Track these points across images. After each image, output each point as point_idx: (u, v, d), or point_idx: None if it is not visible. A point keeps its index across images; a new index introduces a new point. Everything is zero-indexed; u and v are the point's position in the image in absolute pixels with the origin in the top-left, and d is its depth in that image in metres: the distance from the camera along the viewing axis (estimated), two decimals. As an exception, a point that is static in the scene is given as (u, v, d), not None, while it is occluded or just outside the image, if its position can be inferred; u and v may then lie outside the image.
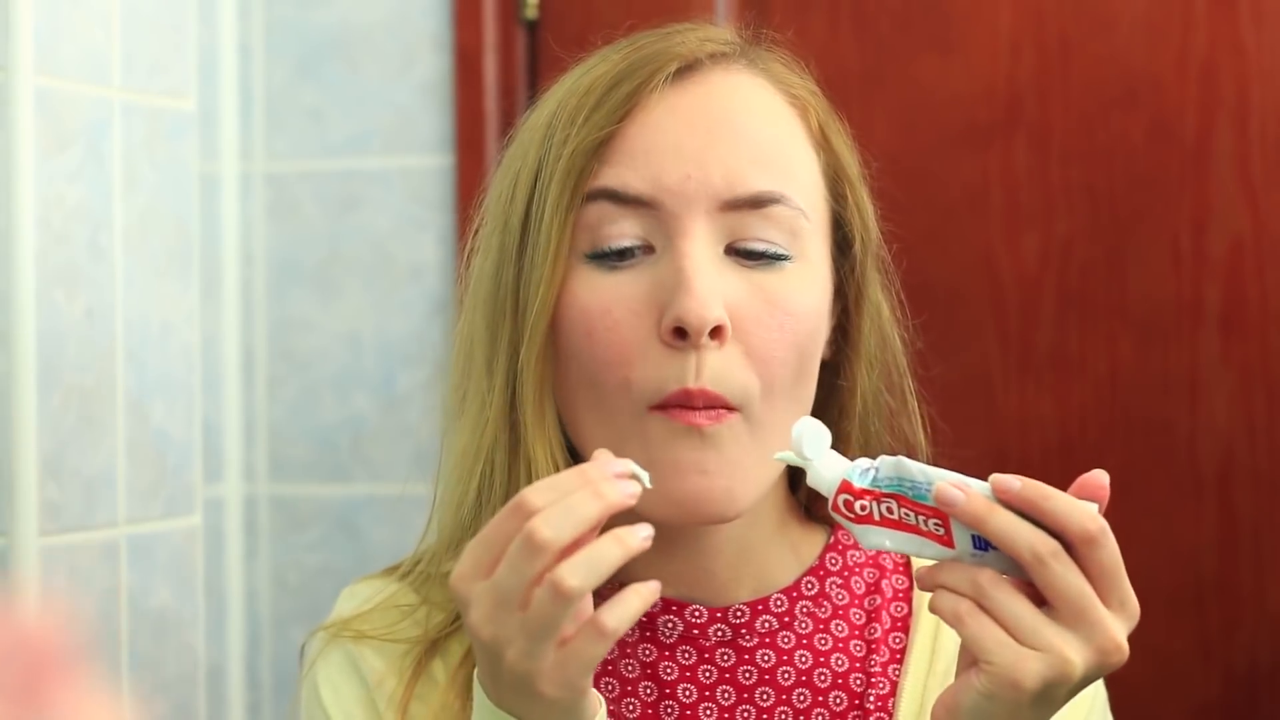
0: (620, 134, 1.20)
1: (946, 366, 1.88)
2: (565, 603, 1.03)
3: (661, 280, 1.18)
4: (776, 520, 1.28)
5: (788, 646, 1.25)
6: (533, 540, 1.03)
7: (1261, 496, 1.90)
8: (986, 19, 1.97)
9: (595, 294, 1.19)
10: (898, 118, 1.98)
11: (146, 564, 1.73)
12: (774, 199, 1.20)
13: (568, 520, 1.03)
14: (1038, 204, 1.95)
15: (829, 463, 1.10)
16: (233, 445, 2.14)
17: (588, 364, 1.19)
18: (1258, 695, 1.89)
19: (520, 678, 1.05)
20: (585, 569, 1.03)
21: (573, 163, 1.19)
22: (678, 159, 1.19)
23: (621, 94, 1.20)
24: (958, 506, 1.06)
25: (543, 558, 1.03)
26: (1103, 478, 1.10)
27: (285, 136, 2.14)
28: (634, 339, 1.18)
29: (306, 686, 1.28)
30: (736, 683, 1.24)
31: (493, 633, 1.05)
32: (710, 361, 1.17)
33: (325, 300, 2.13)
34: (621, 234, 1.19)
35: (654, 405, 1.17)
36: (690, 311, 1.16)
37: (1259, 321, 1.90)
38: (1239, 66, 1.91)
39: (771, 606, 1.26)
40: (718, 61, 1.24)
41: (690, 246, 1.18)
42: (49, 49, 1.62)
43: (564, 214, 1.19)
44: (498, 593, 1.04)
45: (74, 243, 1.65)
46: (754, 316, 1.19)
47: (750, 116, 1.22)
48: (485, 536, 1.06)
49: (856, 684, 1.25)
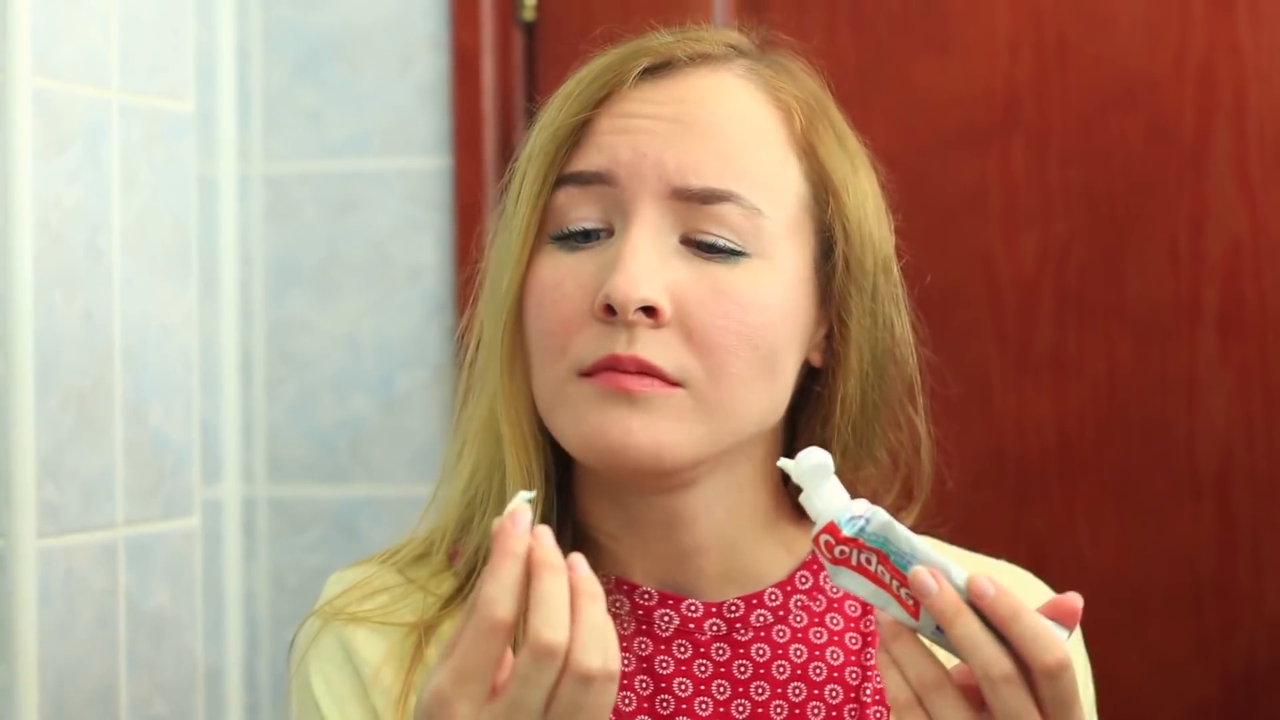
0: (592, 122, 1.23)
1: (945, 367, 1.88)
2: (593, 684, 1.04)
3: (607, 260, 1.21)
4: (765, 517, 1.28)
5: (783, 640, 1.26)
6: (549, 650, 1.04)
7: (1259, 497, 1.90)
8: (984, 20, 1.97)
9: (553, 270, 1.22)
10: (896, 118, 1.98)
11: (145, 565, 1.73)
12: (723, 197, 1.21)
13: (558, 614, 1.05)
14: (1036, 205, 1.96)
15: (826, 494, 1.10)
16: (231, 446, 2.14)
17: (534, 335, 1.22)
18: (1256, 695, 1.89)
19: None
20: (602, 649, 1.05)
21: (545, 147, 1.24)
22: (636, 140, 1.22)
23: (595, 85, 1.24)
24: (929, 598, 1.07)
25: (557, 661, 1.04)
26: (1077, 602, 1.09)
27: (283, 138, 2.14)
28: (574, 312, 1.21)
29: (298, 679, 1.28)
30: (731, 677, 1.25)
31: None
32: (645, 338, 1.19)
33: (323, 301, 2.13)
34: (583, 217, 1.22)
35: (583, 371, 1.20)
36: (617, 289, 1.18)
37: (1257, 322, 1.90)
38: (1237, 67, 1.91)
39: (766, 601, 1.26)
40: (701, 62, 1.26)
41: (635, 230, 1.20)
42: (47, 50, 1.62)
43: (534, 199, 1.23)
44: (521, 713, 1.05)
45: (72, 244, 1.65)
46: (698, 302, 1.20)
47: (719, 115, 1.23)
48: (469, 669, 1.05)
49: (852, 677, 1.26)
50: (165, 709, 1.76)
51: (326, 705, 1.25)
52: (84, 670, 1.65)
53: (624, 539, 1.26)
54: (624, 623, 1.25)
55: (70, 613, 1.63)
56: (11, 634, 1.58)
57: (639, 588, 1.26)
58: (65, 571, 1.63)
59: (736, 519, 1.26)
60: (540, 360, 1.22)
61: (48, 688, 1.60)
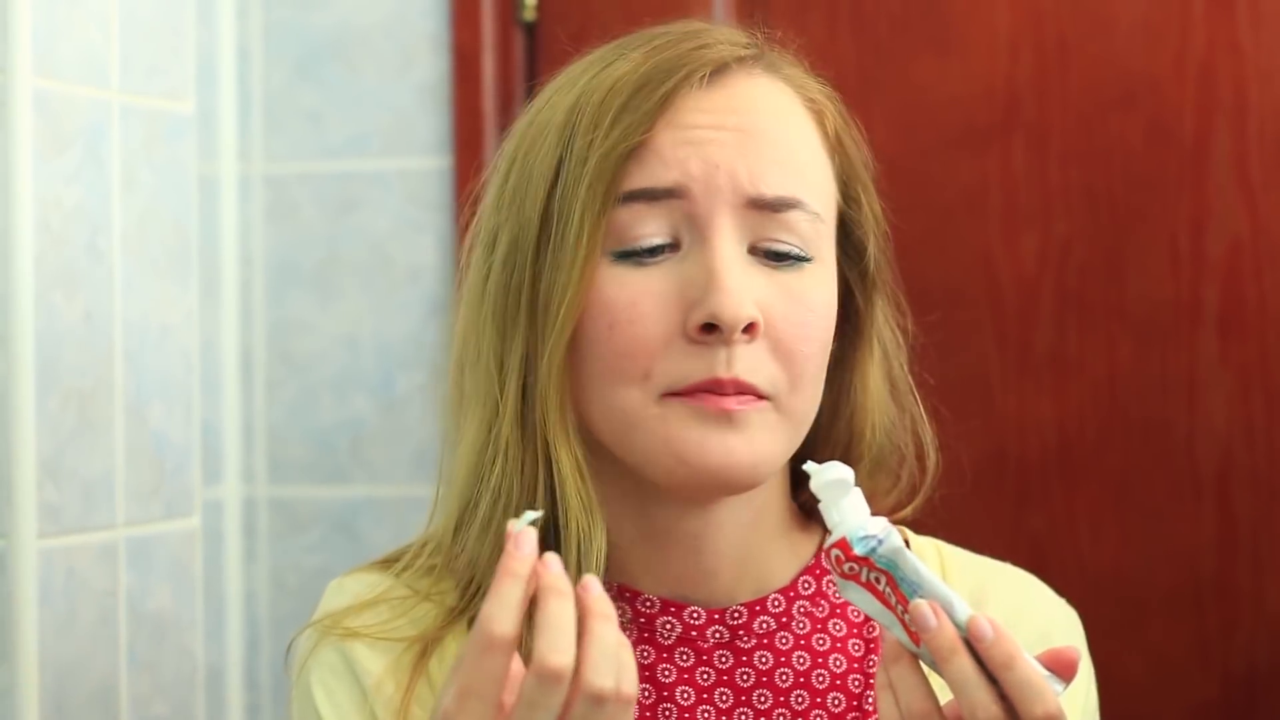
0: (650, 139, 1.20)
1: (945, 367, 1.88)
2: (605, 704, 1.04)
3: (690, 277, 1.19)
4: (778, 523, 1.28)
5: (785, 648, 1.25)
6: (554, 673, 1.03)
7: (1260, 497, 1.90)
8: (985, 20, 1.97)
9: (622, 289, 1.19)
10: (896, 119, 1.98)
11: (145, 566, 1.73)
12: (793, 204, 1.21)
13: (563, 638, 1.04)
14: (1036, 205, 1.96)
15: (845, 509, 1.10)
16: (231, 447, 2.14)
17: (605, 355, 1.19)
18: (1256, 696, 1.89)
19: None
20: (611, 669, 1.04)
21: (604, 166, 1.20)
22: (706, 152, 1.20)
23: (655, 98, 1.21)
24: (926, 634, 1.07)
25: (565, 684, 1.03)
26: (1074, 655, 1.08)
27: (284, 138, 2.14)
28: (657, 333, 1.19)
29: (299, 688, 1.27)
30: (734, 685, 1.24)
31: None
32: (742, 356, 1.18)
33: (324, 302, 2.13)
34: (650, 233, 1.20)
35: (672, 392, 1.18)
36: (725, 308, 1.17)
37: (1257, 322, 1.90)
38: (1237, 67, 1.91)
39: (769, 607, 1.26)
40: (743, 65, 1.25)
41: (720, 243, 1.19)
42: (48, 51, 1.62)
43: (595, 217, 1.19)
44: None
45: (72, 245, 1.65)
46: (781, 314, 1.20)
47: (773, 120, 1.23)
48: (472, 689, 1.04)
49: (855, 685, 1.25)
50: (166, 709, 1.76)
51: (328, 715, 1.24)
52: (84, 670, 1.65)
53: (638, 549, 1.25)
54: (625, 630, 1.23)
55: (71, 613, 1.63)
56: (12, 634, 1.58)
57: (641, 595, 1.25)
58: (66, 572, 1.63)
59: (756, 525, 1.26)
60: (613, 382, 1.20)
61: (48, 688, 1.60)
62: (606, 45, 1.28)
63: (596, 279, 1.19)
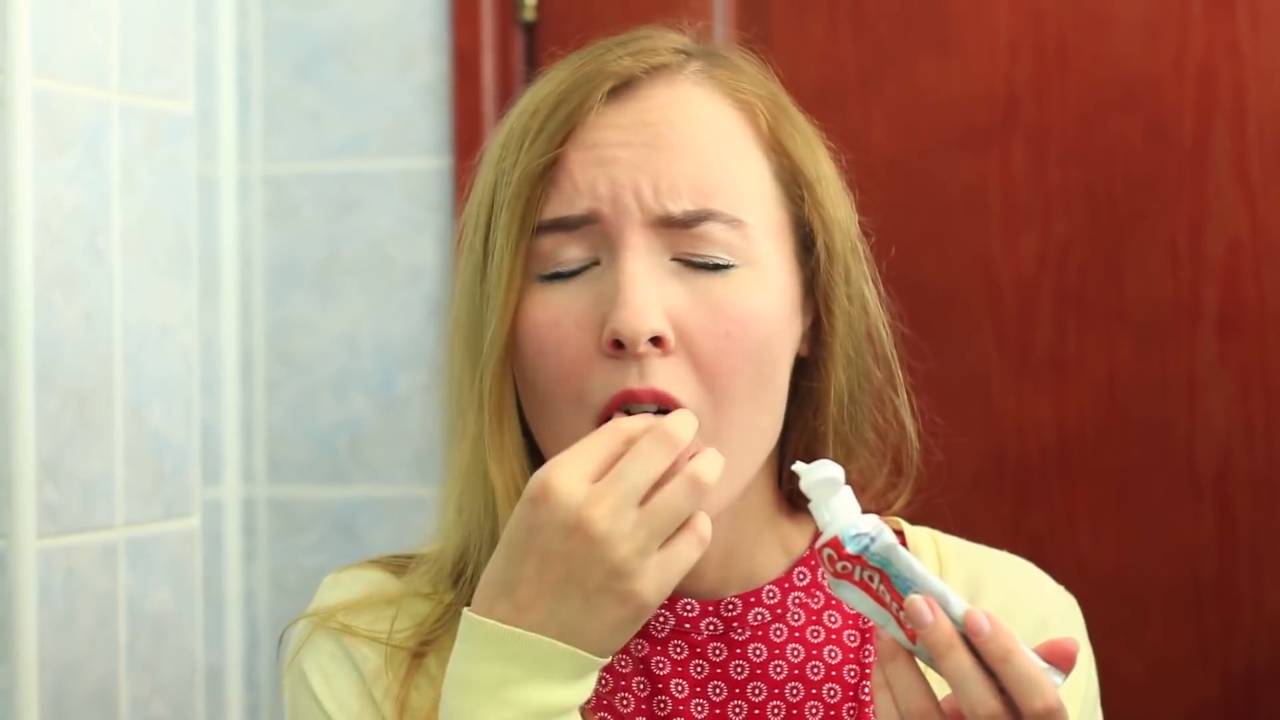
0: (561, 158, 1.21)
1: (944, 367, 1.88)
2: (700, 495, 1.10)
3: (602, 293, 1.19)
4: (763, 516, 1.28)
5: (780, 639, 1.25)
6: (670, 436, 1.10)
7: (1259, 497, 1.90)
8: (984, 21, 1.97)
9: (545, 310, 1.20)
10: (896, 119, 1.98)
11: (145, 566, 1.73)
12: (703, 217, 1.20)
13: (687, 425, 1.12)
14: (1036, 205, 1.96)
15: (835, 507, 1.10)
16: (231, 447, 2.14)
17: (541, 380, 1.20)
18: (1256, 696, 1.90)
19: (621, 576, 1.08)
20: (715, 466, 1.11)
21: (519, 190, 1.21)
22: (612, 173, 1.20)
23: (560, 117, 1.21)
24: (922, 630, 1.06)
25: (675, 450, 1.10)
26: (1073, 646, 1.08)
27: (283, 139, 2.15)
28: (580, 352, 1.19)
29: (292, 675, 1.26)
30: (728, 677, 1.24)
31: (611, 526, 1.08)
32: (656, 368, 1.18)
33: (324, 302, 2.13)
34: (571, 258, 1.21)
35: (602, 415, 1.18)
36: (625, 323, 1.17)
37: (1257, 323, 1.90)
38: (1236, 68, 1.91)
39: (764, 599, 1.26)
40: (658, 74, 1.24)
41: (628, 258, 1.19)
42: (47, 52, 1.62)
43: (514, 243, 1.21)
44: (623, 484, 1.09)
45: (72, 245, 1.65)
46: (699, 325, 1.19)
47: (685, 128, 1.22)
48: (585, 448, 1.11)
49: (850, 675, 1.25)
50: (165, 709, 1.76)
51: (327, 701, 1.23)
52: (84, 670, 1.65)
53: None
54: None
55: (70, 613, 1.64)
56: (12, 634, 1.58)
57: None
58: (65, 572, 1.63)
59: (740, 522, 1.26)
60: (552, 408, 1.20)
61: (48, 688, 1.60)
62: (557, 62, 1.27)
63: (524, 302, 1.21)
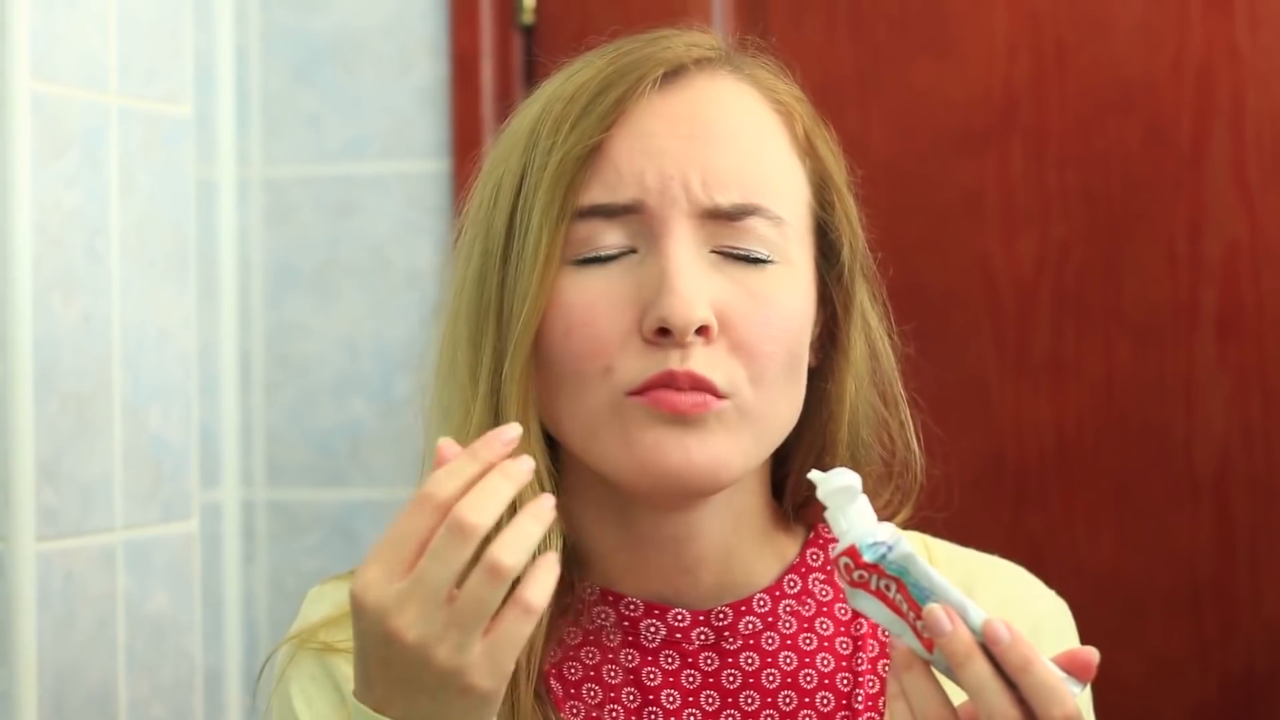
0: (606, 142, 1.20)
1: (943, 370, 1.88)
2: (501, 583, 1.04)
3: (644, 280, 1.19)
4: (759, 525, 1.28)
5: (772, 648, 1.25)
6: (463, 527, 1.04)
7: (1258, 500, 1.90)
8: (982, 23, 1.97)
9: (578, 292, 1.19)
10: (894, 122, 1.98)
11: (143, 569, 1.73)
12: (749, 211, 1.21)
13: (491, 503, 1.05)
14: (1034, 208, 1.96)
15: (851, 516, 1.09)
16: (230, 450, 2.14)
17: (565, 359, 1.19)
18: (1254, 698, 1.90)
19: (450, 675, 1.05)
20: (515, 547, 1.04)
21: (560, 172, 1.20)
22: (661, 162, 1.20)
23: (608, 101, 1.21)
24: (942, 638, 1.06)
25: (472, 543, 1.04)
26: (1094, 657, 1.08)
27: (282, 142, 2.15)
28: (613, 333, 1.18)
29: (278, 697, 1.26)
30: (721, 687, 1.24)
31: (421, 632, 1.05)
32: (697, 354, 1.18)
33: (322, 305, 2.13)
34: (610, 244, 1.20)
35: (633, 391, 1.18)
36: (674, 311, 1.16)
37: (1255, 325, 1.90)
38: (1234, 70, 1.91)
39: (755, 607, 1.26)
40: (703, 67, 1.24)
41: (674, 247, 1.19)
42: (46, 54, 1.62)
43: (554, 225, 1.19)
44: (424, 588, 1.04)
45: (70, 248, 1.65)
46: (740, 312, 1.19)
47: (733, 123, 1.23)
48: (395, 537, 1.06)
49: (843, 684, 1.25)
50: (164, 712, 1.76)
51: None
52: (83, 673, 1.65)
53: (621, 554, 1.25)
54: (610, 634, 1.24)
55: (69, 616, 1.64)
56: (11, 637, 1.58)
57: (625, 598, 1.24)
58: (64, 575, 1.63)
59: (737, 528, 1.26)
60: (576, 386, 1.19)
61: (47, 690, 1.60)
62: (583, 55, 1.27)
63: (557, 285, 1.19)
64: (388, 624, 1.05)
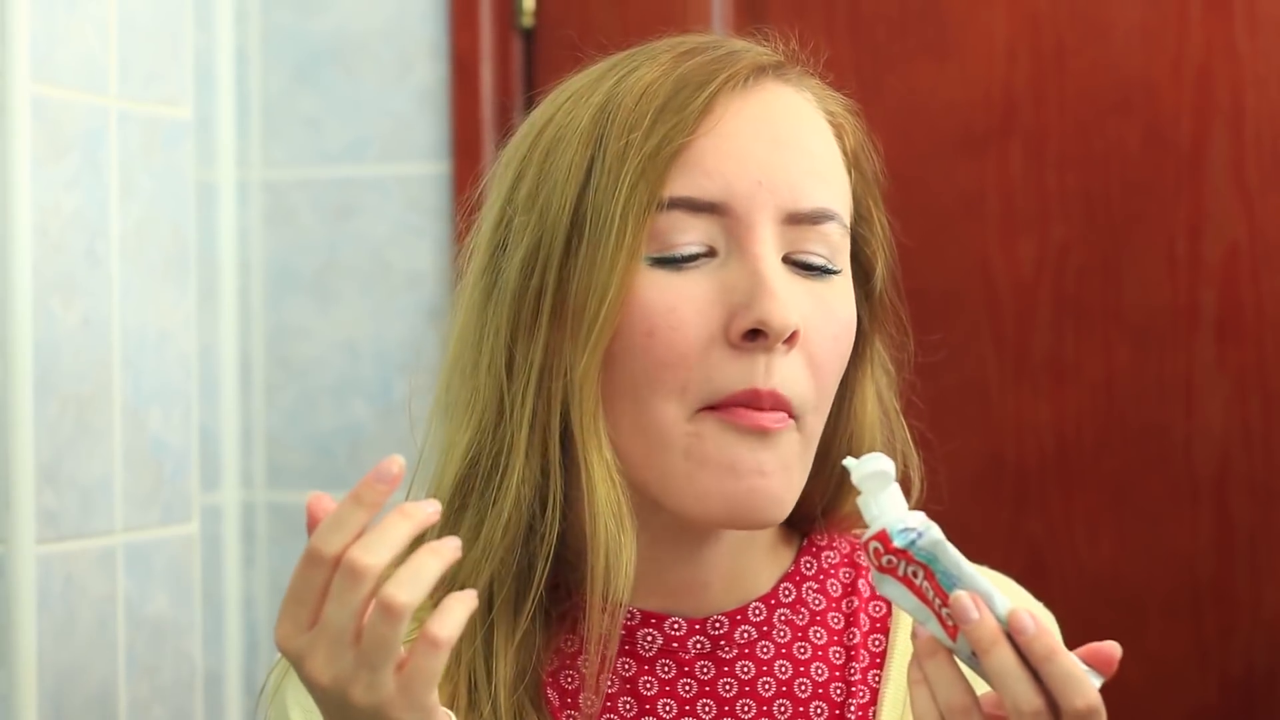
0: (693, 141, 1.19)
1: (942, 372, 1.88)
2: (397, 620, 1.03)
3: (731, 283, 1.18)
4: (768, 535, 1.28)
5: (767, 657, 1.25)
6: (354, 569, 1.03)
7: (1257, 502, 1.90)
8: (982, 25, 1.97)
9: (661, 294, 1.18)
10: (893, 124, 1.98)
11: (143, 571, 1.73)
12: (830, 215, 1.21)
13: (383, 543, 1.04)
14: (1033, 210, 1.96)
15: (883, 501, 1.09)
16: (230, 452, 2.14)
17: (642, 365, 1.17)
18: (1254, 700, 1.90)
19: (370, 712, 1.05)
20: (410, 583, 1.03)
21: (649, 167, 1.18)
22: (749, 165, 1.19)
23: (698, 100, 1.19)
24: (968, 625, 1.06)
25: (366, 583, 1.03)
26: (1115, 651, 1.09)
27: (282, 144, 2.15)
28: (697, 339, 1.17)
29: (275, 709, 1.26)
30: (717, 695, 1.23)
31: (333, 675, 1.05)
32: (780, 366, 1.17)
33: (322, 307, 2.14)
34: (689, 240, 1.18)
35: (710, 405, 1.17)
36: (773, 314, 1.16)
37: (1254, 327, 1.90)
38: (1234, 72, 1.91)
39: (750, 616, 1.26)
40: (775, 73, 1.25)
41: (763, 250, 1.18)
42: (45, 57, 1.62)
43: (639, 219, 1.17)
44: (328, 633, 1.05)
45: (70, 251, 1.65)
46: (816, 325, 1.19)
47: (806, 130, 1.23)
48: (294, 594, 1.06)
49: (837, 693, 1.25)
50: (164, 714, 1.76)
51: None
52: (83, 675, 1.65)
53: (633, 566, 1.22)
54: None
55: (69, 618, 1.64)
56: (11, 640, 1.58)
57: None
58: (64, 577, 1.63)
59: (751, 541, 1.26)
60: (649, 395, 1.17)
61: (47, 693, 1.60)
62: (620, 53, 1.26)
63: (632, 283, 1.17)
64: (304, 669, 1.06)
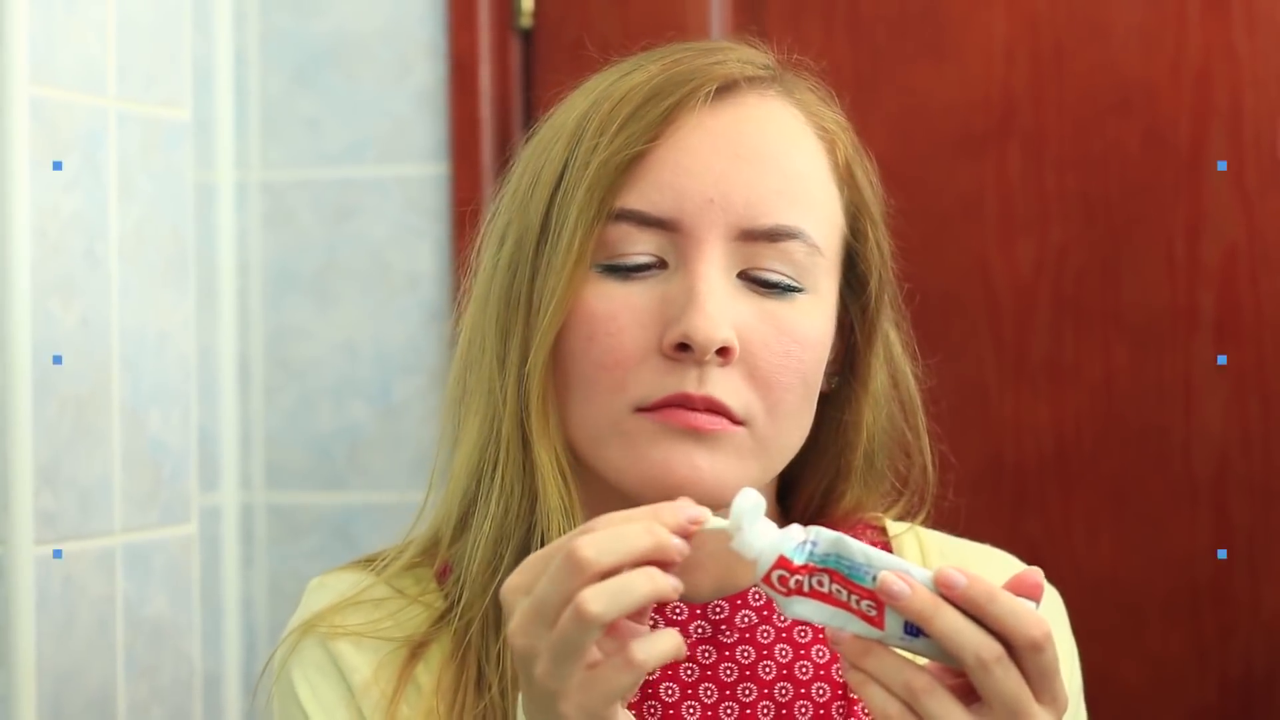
0: (650, 151, 1.20)
1: (941, 373, 1.88)
2: (586, 627, 1.02)
3: (671, 296, 1.19)
4: None
5: (767, 641, 1.26)
6: (573, 557, 1.02)
7: (1256, 503, 1.90)
8: (981, 26, 1.97)
9: (604, 301, 1.20)
10: (892, 125, 1.98)
11: (142, 572, 1.73)
12: (790, 234, 1.21)
13: (613, 545, 1.03)
14: (1032, 211, 1.96)
15: (761, 532, 1.07)
16: (229, 454, 2.14)
17: (583, 366, 1.20)
18: (1253, 701, 1.90)
19: (545, 694, 1.05)
20: (609, 597, 1.02)
21: (600, 175, 1.20)
22: (703, 182, 1.20)
23: (657, 111, 1.20)
24: (901, 601, 1.03)
25: (578, 577, 1.02)
26: (1038, 575, 1.07)
27: (281, 145, 2.15)
28: (634, 348, 1.19)
29: (280, 688, 1.26)
30: (718, 680, 1.24)
31: (525, 644, 1.05)
32: (714, 378, 1.18)
33: (321, 309, 2.14)
34: (639, 251, 1.20)
35: (642, 408, 1.19)
36: (698, 329, 1.17)
37: (1253, 328, 1.90)
38: (1233, 73, 1.91)
39: (750, 600, 1.26)
40: (754, 85, 1.24)
41: (704, 267, 1.19)
42: (44, 58, 1.62)
43: (587, 227, 1.19)
44: (535, 605, 1.04)
45: (70, 252, 1.65)
46: (761, 341, 1.20)
47: (779, 145, 1.23)
48: (541, 553, 1.06)
49: (838, 674, 1.25)
50: (163, 715, 1.76)
51: (314, 712, 1.23)
52: (82, 677, 1.65)
53: None
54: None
55: (68, 619, 1.64)
56: (10, 641, 1.58)
57: None
58: (63, 579, 1.63)
59: None
60: (589, 392, 1.20)
61: (46, 694, 1.60)
62: (634, 55, 1.27)
63: (582, 289, 1.20)
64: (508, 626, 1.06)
